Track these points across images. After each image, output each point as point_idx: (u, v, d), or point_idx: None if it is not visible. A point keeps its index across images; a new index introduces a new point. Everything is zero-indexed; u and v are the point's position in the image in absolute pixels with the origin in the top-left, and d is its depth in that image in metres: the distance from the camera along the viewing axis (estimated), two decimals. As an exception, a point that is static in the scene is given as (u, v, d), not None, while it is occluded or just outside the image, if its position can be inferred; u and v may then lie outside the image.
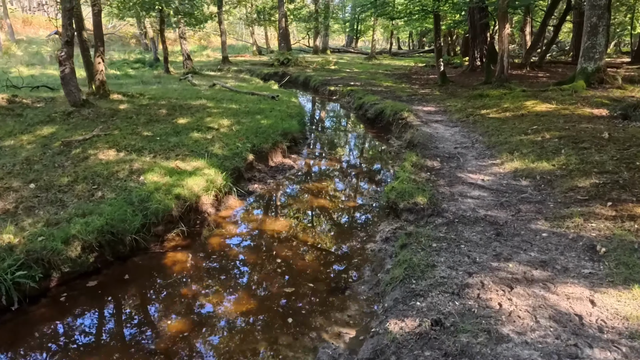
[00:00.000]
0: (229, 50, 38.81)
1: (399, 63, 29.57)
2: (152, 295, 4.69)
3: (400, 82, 18.62)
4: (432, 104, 13.58)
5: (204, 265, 5.25)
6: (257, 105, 11.86)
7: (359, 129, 12.69)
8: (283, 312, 4.32)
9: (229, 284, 4.87)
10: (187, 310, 4.34)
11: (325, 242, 5.83)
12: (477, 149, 8.66)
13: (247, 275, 5.06)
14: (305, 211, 6.81)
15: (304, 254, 5.50)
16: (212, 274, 5.09)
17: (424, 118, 11.48)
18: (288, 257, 5.39)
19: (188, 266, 5.19)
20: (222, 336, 4.00)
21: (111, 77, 17.11)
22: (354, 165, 9.27)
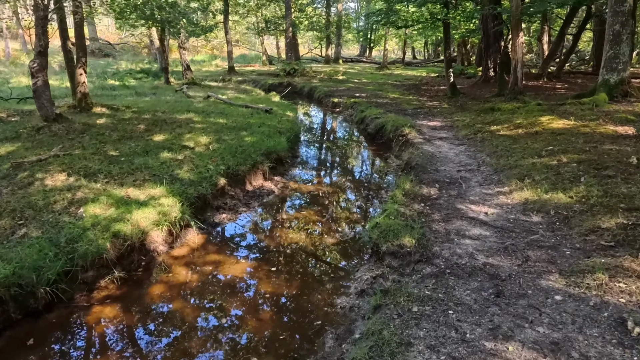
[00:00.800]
0: (241, 60, 38.30)
1: (411, 73, 28.45)
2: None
3: (408, 94, 17.52)
4: (439, 118, 12.46)
5: (136, 323, 4.25)
6: (246, 119, 10.92)
7: (357, 146, 11.61)
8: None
9: (160, 353, 3.85)
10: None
11: (289, 294, 4.77)
12: (482, 173, 7.52)
13: (183, 340, 4.03)
14: (273, 250, 5.76)
15: (261, 311, 4.45)
16: (143, 337, 4.08)
17: (427, 134, 10.38)
18: (239, 316, 4.36)
19: (114, 325, 4.19)
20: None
21: (107, 88, 16.44)
22: (343, 190, 8.17)
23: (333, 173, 9.09)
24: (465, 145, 9.40)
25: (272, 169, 8.48)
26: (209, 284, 4.94)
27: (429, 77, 25.20)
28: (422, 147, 9.22)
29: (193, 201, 6.17)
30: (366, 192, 8.20)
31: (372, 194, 8.05)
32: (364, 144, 11.64)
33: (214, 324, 4.25)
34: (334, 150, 10.99)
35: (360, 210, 7.12)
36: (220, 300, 4.64)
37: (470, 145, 9.36)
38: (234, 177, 7.30)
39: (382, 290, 4.18)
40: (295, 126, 10.80)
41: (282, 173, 8.60)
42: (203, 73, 25.87)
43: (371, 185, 8.61)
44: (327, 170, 9.23)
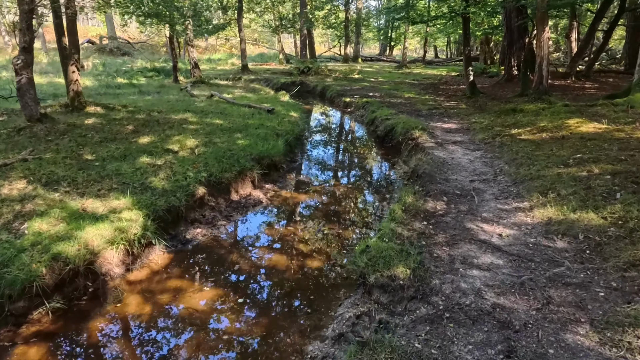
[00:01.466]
0: (258, 59, 37.68)
1: (431, 72, 27.28)
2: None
3: (425, 94, 16.47)
4: (455, 119, 11.42)
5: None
6: (245, 120, 10.13)
7: (364, 150, 10.65)
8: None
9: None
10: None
11: (254, 336, 3.92)
12: (499, 184, 6.52)
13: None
14: (246, 276, 4.92)
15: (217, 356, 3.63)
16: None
17: (440, 138, 9.39)
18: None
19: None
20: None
21: (112, 87, 15.90)
22: (339, 202, 7.22)
23: (332, 181, 8.18)
24: (481, 151, 8.39)
25: (265, 176, 7.65)
26: (163, 317, 4.13)
27: (449, 76, 24.03)
28: (433, 152, 8.26)
29: (162, 214, 5.38)
30: (366, 205, 7.25)
31: (373, 207, 7.10)
32: (372, 148, 10.70)
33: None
34: (338, 154, 10.07)
35: (356, 227, 6.20)
36: (171, 340, 3.82)
37: (487, 150, 8.35)
38: (216, 186, 6.49)
39: (360, 342, 3.28)
40: (296, 128, 9.95)
41: (275, 180, 7.76)
42: (216, 71, 25.27)
43: (373, 196, 7.66)
44: (326, 178, 8.33)
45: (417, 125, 10.02)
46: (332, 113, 15.99)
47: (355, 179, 8.36)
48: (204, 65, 28.90)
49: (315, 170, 8.78)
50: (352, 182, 8.23)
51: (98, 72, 21.56)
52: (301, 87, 20.49)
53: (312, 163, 9.25)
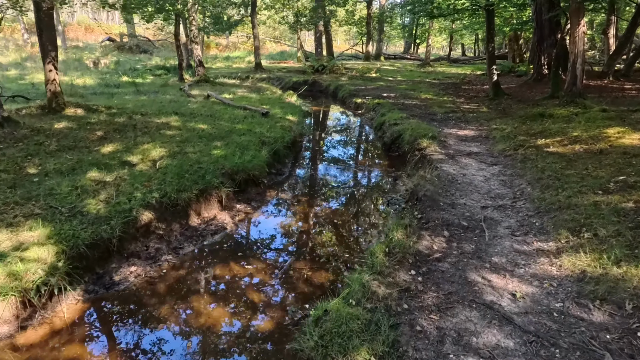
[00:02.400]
0: (278, 57, 36.61)
1: (455, 71, 25.60)
2: None
3: (443, 94, 14.98)
4: (473, 125, 9.98)
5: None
6: (233, 125, 8.99)
7: (366, 161, 9.27)
8: None
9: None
10: None
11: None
12: (518, 213, 5.16)
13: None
14: (169, 339, 3.74)
15: None
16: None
17: (453, 148, 8.01)
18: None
19: None
20: None
21: (110, 86, 15.02)
22: (320, 231, 5.84)
23: (318, 200, 6.86)
24: (500, 166, 6.98)
25: (240, 193, 6.47)
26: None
27: (473, 75, 22.36)
28: (442, 166, 6.91)
29: (83, 250, 4.25)
30: (350, 236, 5.83)
31: (358, 240, 5.77)
32: (375, 158, 9.37)
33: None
34: (334, 166, 8.72)
35: (331, 269, 4.87)
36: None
37: (508, 165, 6.94)
38: (170, 209, 5.34)
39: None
40: (288, 135, 8.70)
41: (251, 198, 6.55)
42: (230, 69, 24.28)
43: (362, 224, 6.30)
44: (313, 196, 7.04)
45: (427, 132, 8.65)
46: (339, 115, 14.67)
47: (347, 200, 6.99)
48: (219, 63, 28.04)
49: (302, 186, 7.50)
50: (342, 203, 6.84)
51: (107, 70, 20.86)
52: (313, 86, 19.28)
53: (301, 177, 7.97)
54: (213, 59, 29.64)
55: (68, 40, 37.40)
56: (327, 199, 6.96)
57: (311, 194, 7.14)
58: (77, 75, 18.53)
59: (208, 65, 26.71)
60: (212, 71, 23.17)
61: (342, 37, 61.31)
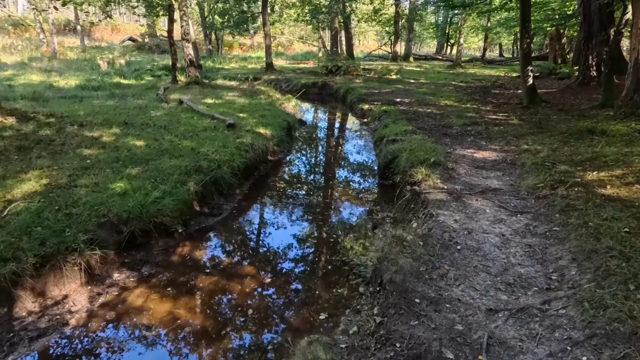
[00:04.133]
0: (300, 57, 34.50)
1: (487, 72, 22.69)
2: None
3: (467, 100, 12.39)
4: (497, 143, 7.47)
5: None
6: (181, 140, 6.92)
7: (348, 192, 6.71)
8: None
9: None
10: None
11: None
12: (553, 332, 2.76)
13: None
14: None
15: None
16: None
17: (462, 181, 5.59)
18: None
19: None
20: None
21: (88, 89, 13.24)
22: (218, 331, 3.50)
23: (247, 266, 4.54)
24: (528, 217, 4.53)
25: (134, 249, 4.33)
26: None
27: (507, 77, 19.47)
28: (440, 213, 4.55)
29: None
30: (259, 348, 3.51)
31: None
32: (361, 188, 6.94)
33: None
34: (300, 200, 6.21)
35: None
36: None
37: (540, 217, 4.48)
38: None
39: None
40: (242, 155, 6.45)
41: (145, 260, 4.35)
42: (242, 70, 22.34)
43: (299, 323, 3.90)
44: (243, 256, 4.74)
45: (430, 155, 6.23)
46: (338, 125, 12.28)
47: (293, 270, 4.53)
48: (234, 63, 26.23)
49: (237, 235, 5.18)
50: (283, 276, 4.34)
51: (110, 71, 19.30)
52: (323, 89, 17.03)
53: (245, 220, 5.64)
54: (230, 60, 27.83)
55: (93, 40, 36.67)
56: (263, 263, 4.65)
57: (242, 252, 4.87)
58: (68, 75, 16.99)
59: (220, 65, 24.95)
60: (222, 72, 21.33)
61: (372, 37, 58.67)
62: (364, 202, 6.22)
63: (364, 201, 6.24)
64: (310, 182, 7.09)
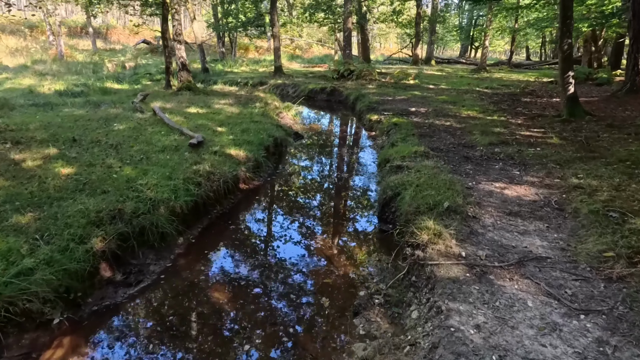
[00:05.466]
0: (318, 60, 32.85)
1: (515, 77, 20.51)
2: None
3: (494, 111, 10.45)
4: (533, 174, 5.59)
5: None
6: (122, 167, 5.29)
7: (333, 243, 4.76)
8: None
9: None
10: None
11: None
12: None
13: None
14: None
15: None
16: None
17: (487, 237, 3.79)
18: None
19: None
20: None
21: (69, 94, 11.85)
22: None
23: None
24: (598, 322, 2.71)
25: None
26: None
27: (538, 82, 17.33)
28: (453, 308, 2.79)
29: None
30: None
31: None
32: (352, 235, 5.09)
33: None
34: (255, 260, 4.25)
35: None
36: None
37: (620, 324, 2.66)
38: None
39: None
40: (188, 192, 4.78)
41: None
42: (249, 74, 20.79)
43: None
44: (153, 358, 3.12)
45: (443, 195, 4.44)
46: (340, 139, 10.44)
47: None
48: (244, 67, 24.70)
49: (151, 325, 3.42)
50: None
51: (110, 74, 18.02)
52: (332, 95, 15.28)
53: (171, 295, 3.64)
54: (242, 63, 26.35)
55: (109, 42, 35.86)
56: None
57: (157, 349, 3.19)
58: (61, 79, 15.74)
59: (230, 69, 23.49)
60: (229, 76, 19.85)
61: (394, 39, 56.44)
62: (352, 260, 4.44)
63: (352, 259, 4.47)
64: (285, 224, 5.34)
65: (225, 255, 4.53)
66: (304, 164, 7.84)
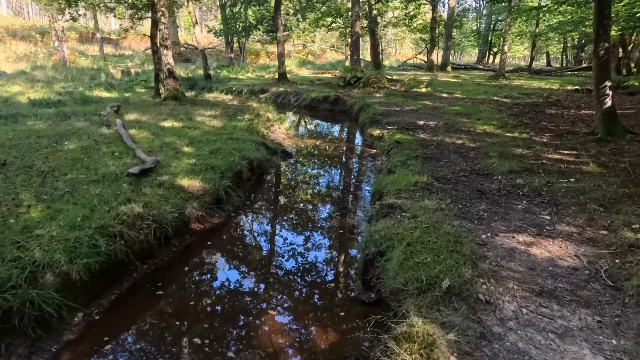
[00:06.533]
0: (329, 66, 31.50)
1: (537, 85, 18.82)
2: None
3: (514, 126, 8.96)
4: (570, 222, 4.15)
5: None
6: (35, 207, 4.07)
7: (303, 319, 3.38)
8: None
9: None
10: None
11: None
12: None
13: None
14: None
15: None
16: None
17: (505, 345, 2.44)
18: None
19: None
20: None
21: (42, 105, 10.76)
22: None
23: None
24: None
25: None
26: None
27: (563, 91, 15.67)
28: None
29: None
30: None
31: None
32: (320, 307, 3.69)
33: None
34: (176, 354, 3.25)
35: None
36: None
37: None
38: None
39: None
40: (94, 251, 3.48)
41: None
42: (253, 81, 19.63)
43: None
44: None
45: (443, 262, 3.07)
46: (334, 158, 8.90)
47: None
48: (250, 73, 23.56)
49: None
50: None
51: (98, 82, 17.00)
52: (335, 104, 13.95)
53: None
54: (249, 69, 25.21)
55: (120, 48, 35.22)
56: None
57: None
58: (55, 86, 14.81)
59: (235, 75, 22.35)
60: (231, 83, 18.69)
61: (410, 45, 54.72)
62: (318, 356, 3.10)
63: (317, 354, 3.12)
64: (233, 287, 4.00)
65: (138, 340, 3.23)
66: (283, 195, 6.50)
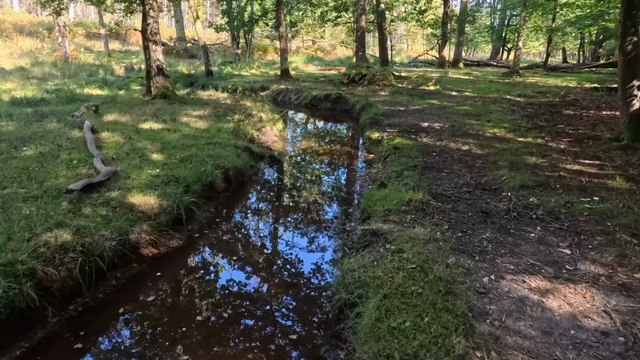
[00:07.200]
0: (337, 62, 30.66)
1: (552, 82, 17.70)
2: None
3: (528, 129, 8.05)
4: (595, 258, 3.31)
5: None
6: None
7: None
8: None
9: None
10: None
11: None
12: None
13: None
14: None
15: None
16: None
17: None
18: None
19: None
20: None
21: (22, 104, 10.12)
22: None
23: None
24: None
25: None
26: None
27: (580, 89, 14.58)
28: None
29: None
30: None
31: None
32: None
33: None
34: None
35: None
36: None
37: None
38: None
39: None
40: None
41: None
42: (256, 77, 18.89)
43: None
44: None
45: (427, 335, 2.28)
46: (326, 165, 7.88)
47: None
48: (255, 69, 22.80)
49: None
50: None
51: (94, 78, 16.39)
52: (337, 103, 13.12)
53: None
54: (254, 65, 24.46)
55: (128, 44, 34.75)
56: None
57: None
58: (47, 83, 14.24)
59: (239, 72, 21.60)
60: (233, 80, 17.99)
61: (422, 40, 53.38)
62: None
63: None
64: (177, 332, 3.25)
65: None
66: (258, 211, 5.71)
